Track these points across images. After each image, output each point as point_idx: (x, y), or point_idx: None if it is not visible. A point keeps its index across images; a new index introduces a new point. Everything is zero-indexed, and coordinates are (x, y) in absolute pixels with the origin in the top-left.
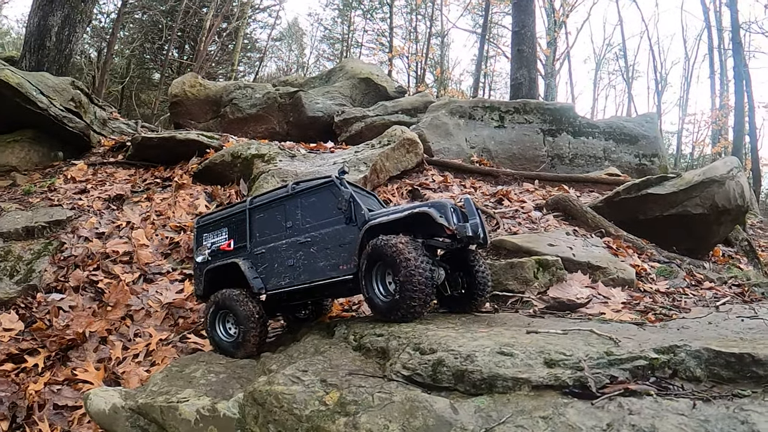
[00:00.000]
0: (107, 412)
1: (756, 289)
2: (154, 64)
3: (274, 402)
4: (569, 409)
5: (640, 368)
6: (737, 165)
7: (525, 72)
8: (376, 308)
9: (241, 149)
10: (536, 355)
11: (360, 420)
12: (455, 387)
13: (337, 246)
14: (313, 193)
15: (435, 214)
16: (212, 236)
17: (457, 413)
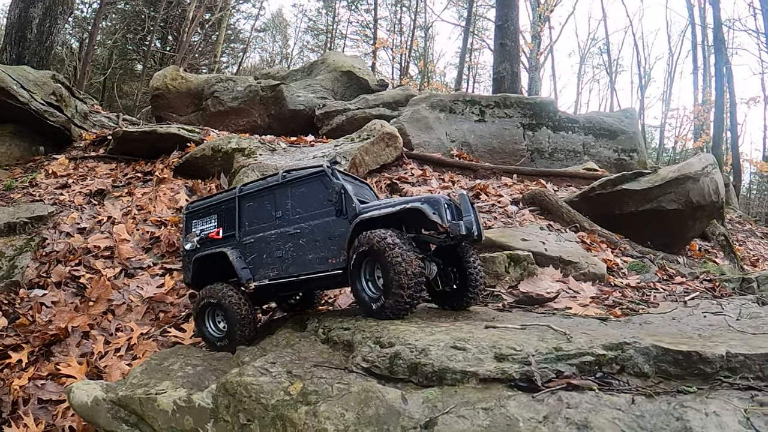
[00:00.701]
0: (89, 405)
1: (727, 284)
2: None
3: (244, 392)
4: (511, 402)
5: (587, 364)
6: (712, 162)
7: (507, 66)
8: (364, 305)
9: (222, 143)
10: (488, 349)
11: (319, 409)
12: (409, 379)
13: (327, 239)
14: (304, 182)
15: (428, 211)
16: (201, 223)
17: (406, 403)
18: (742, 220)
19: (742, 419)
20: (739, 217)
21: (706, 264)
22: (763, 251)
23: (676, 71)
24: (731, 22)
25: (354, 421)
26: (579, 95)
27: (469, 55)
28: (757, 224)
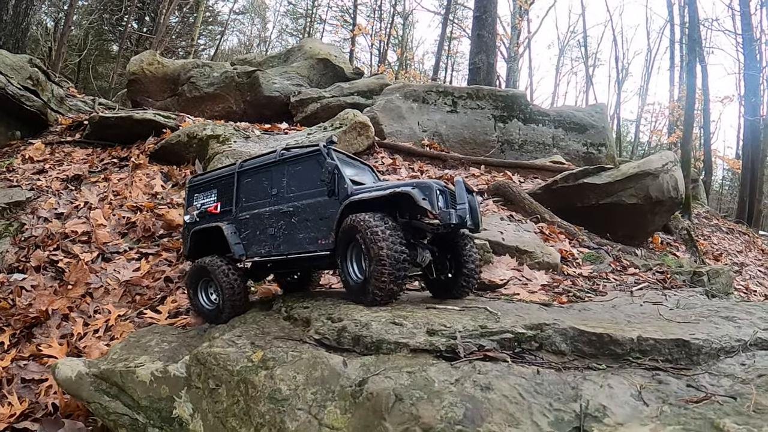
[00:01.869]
0: (73, 379)
1: (678, 276)
2: (113, 36)
3: (213, 361)
4: (432, 368)
5: (508, 340)
6: (672, 159)
7: (484, 57)
8: (349, 289)
9: (197, 130)
10: (422, 325)
11: (276, 372)
12: (353, 348)
13: (318, 219)
14: (300, 161)
15: (417, 196)
16: (202, 197)
17: (346, 367)
18: (709, 215)
19: (634, 392)
20: (707, 212)
21: (665, 257)
22: (727, 246)
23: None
24: (709, 22)
25: (303, 382)
26: (557, 87)
27: (448, 44)
28: (725, 219)
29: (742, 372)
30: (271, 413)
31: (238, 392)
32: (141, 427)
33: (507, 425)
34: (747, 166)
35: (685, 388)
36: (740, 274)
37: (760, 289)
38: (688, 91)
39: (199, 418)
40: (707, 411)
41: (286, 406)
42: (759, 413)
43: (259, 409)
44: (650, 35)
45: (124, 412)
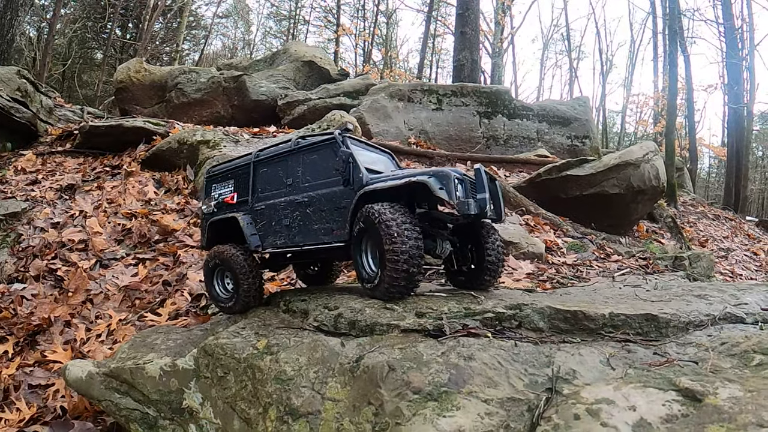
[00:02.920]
0: (84, 379)
1: (660, 262)
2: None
3: (220, 351)
4: (421, 344)
5: (489, 319)
6: (653, 149)
7: (467, 54)
8: (362, 282)
9: (187, 135)
10: (411, 309)
11: (280, 356)
12: (349, 332)
13: (333, 209)
14: (315, 149)
15: (434, 185)
16: (220, 187)
17: (344, 347)
18: (695, 202)
19: (603, 359)
20: (693, 200)
21: (650, 244)
22: (713, 232)
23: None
24: (691, 12)
25: (305, 363)
26: (542, 81)
27: (432, 41)
28: (711, 206)
29: (708, 341)
30: (277, 392)
31: (246, 377)
32: (152, 420)
33: (486, 386)
34: (732, 153)
35: (651, 355)
36: (726, 259)
37: (746, 272)
38: (670, 81)
39: (209, 406)
40: (667, 372)
41: (291, 385)
42: (715, 373)
43: (266, 390)
44: (633, 27)
45: (135, 407)
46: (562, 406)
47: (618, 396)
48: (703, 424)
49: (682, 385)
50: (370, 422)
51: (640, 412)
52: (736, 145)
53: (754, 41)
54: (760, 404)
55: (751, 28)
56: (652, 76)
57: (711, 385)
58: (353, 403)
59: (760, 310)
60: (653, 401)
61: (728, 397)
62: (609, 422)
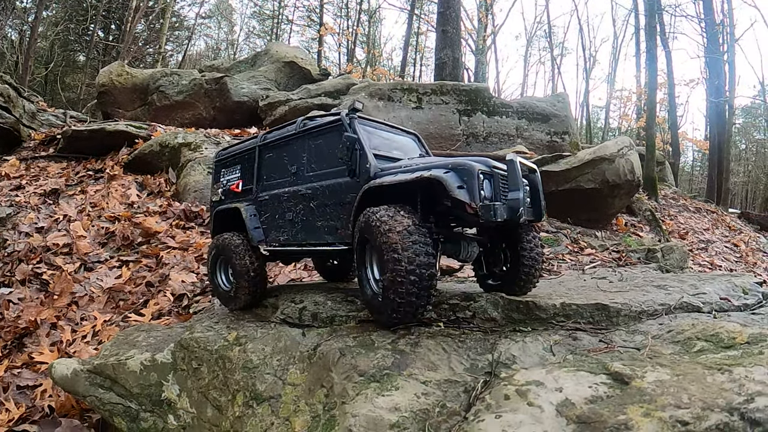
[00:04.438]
0: (69, 376)
1: (633, 254)
2: (79, 46)
3: (195, 344)
4: (375, 333)
5: (444, 310)
6: (627, 144)
7: (449, 52)
8: (365, 300)
9: (169, 138)
10: None
11: (248, 347)
12: (312, 323)
13: (338, 205)
14: (320, 133)
15: (451, 184)
16: (228, 173)
17: (304, 337)
18: (677, 195)
19: (546, 346)
20: (674, 193)
21: (627, 238)
22: (693, 224)
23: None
24: (672, 8)
25: (270, 352)
26: (525, 77)
27: (415, 39)
28: (693, 199)
29: (657, 329)
30: (244, 380)
31: (217, 367)
32: (134, 413)
33: (426, 369)
34: (714, 146)
35: (596, 342)
36: (706, 251)
37: (725, 264)
38: (650, 77)
39: (185, 396)
40: (604, 358)
41: (256, 372)
42: (651, 358)
43: (234, 378)
44: (616, 23)
45: (118, 402)
46: (496, 388)
47: (549, 378)
48: (625, 404)
49: (613, 369)
50: (321, 403)
51: (566, 393)
52: (717, 138)
53: (734, 36)
54: (683, 387)
55: (732, 23)
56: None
57: (641, 370)
58: (309, 386)
59: (718, 300)
60: (581, 384)
61: (654, 380)
62: (535, 402)
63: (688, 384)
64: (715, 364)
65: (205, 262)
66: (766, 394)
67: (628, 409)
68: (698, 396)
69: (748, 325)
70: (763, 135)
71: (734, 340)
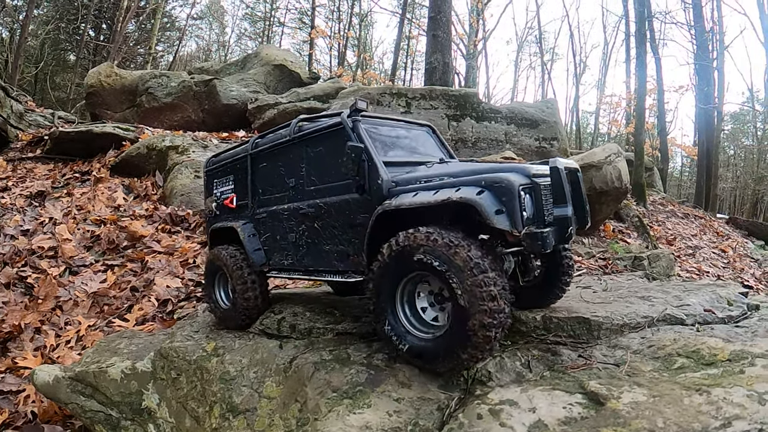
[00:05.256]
0: (51, 383)
1: (620, 262)
2: (70, 46)
3: (174, 354)
4: (351, 347)
5: None
6: (615, 151)
7: (439, 56)
8: (409, 350)
9: (156, 141)
10: (348, 313)
11: (225, 358)
12: (290, 335)
13: (347, 226)
14: (319, 139)
15: (488, 211)
16: (221, 184)
17: (281, 349)
18: (665, 201)
19: (524, 362)
20: (663, 199)
21: (615, 244)
22: (681, 230)
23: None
24: (663, 14)
25: (247, 363)
26: (516, 82)
27: (407, 43)
28: (681, 205)
29: (638, 344)
30: (221, 391)
31: (195, 378)
32: (115, 422)
33: (400, 386)
34: (703, 153)
35: (575, 358)
36: (693, 257)
37: (713, 270)
38: (639, 83)
39: (165, 406)
40: (582, 375)
41: (233, 384)
42: (630, 376)
43: (212, 389)
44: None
45: (99, 409)
46: (469, 407)
47: (523, 398)
48: (598, 427)
49: (589, 389)
50: (295, 418)
51: (539, 413)
52: (706, 144)
53: (723, 43)
54: (658, 410)
55: (721, 31)
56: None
57: (617, 389)
58: (284, 400)
59: (702, 312)
60: (555, 404)
61: (630, 401)
62: (507, 422)
63: (664, 407)
64: (693, 384)
65: (190, 267)
66: (743, 418)
67: None
68: (673, 420)
69: (731, 339)
70: (752, 141)
71: (716, 357)
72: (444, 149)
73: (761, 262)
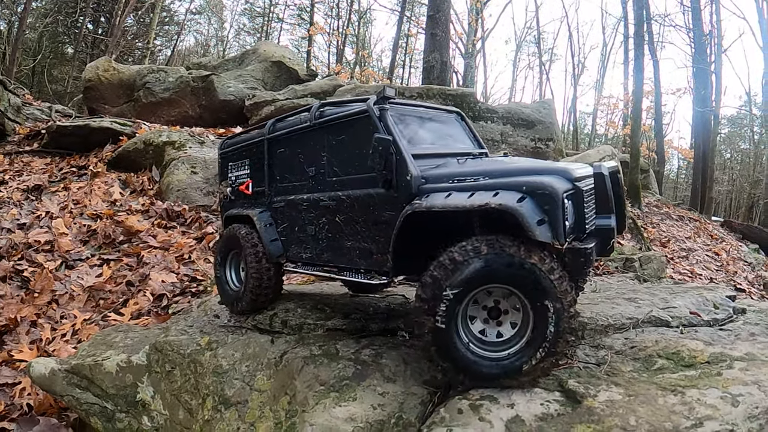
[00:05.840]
0: (47, 375)
1: (611, 263)
2: (68, 39)
3: (168, 348)
4: (340, 342)
5: (411, 320)
6: (609, 153)
7: (437, 55)
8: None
9: (153, 136)
10: (340, 309)
11: (218, 352)
12: (282, 330)
13: (371, 223)
14: (343, 127)
15: (530, 221)
16: (236, 168)
17: (273, 344)
18: (660, 203)
19: None
20: (658, 201)
21: None
22: (675, 232)
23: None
24: (662, 17)
25: (239, 357)
26: (514, 82)
27: (405, 42)
28: (676, 207)
29: (621, 344)
30: (214, 384)
31: (189, 371)
32: (110, 414)
33: (385, 381)
34: (699, 155)
35: None
36: (687, 259)
37: (706, 272)
38: (636, 86)
39: (159, 398)
40: (563, 374)
41: (225, 377)
42: (609, 375)
43: (205, 383)
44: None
45: (95, 402)
46: (451, 402)
47: (503, 394)
48: (573, 423)
49: (567, 387)
50: (284, 410)
51: (517, 409)
52: (702, 147)
53: (721, 47)
54: (632, 409)
55: (719, 34)
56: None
57: (595, 388)
58: (274, 393)
59: (687, 314)
60: (533, 400)
61: (605, 400)
62: (486, 417)
63: (638, 405)
64: (669, 385)
65: (185, 262)
66: (715, 419)
67: (575, 429)
68: (645, 419)
69: (713, 342)
70: (749, 145)
71: (695, 359)
72: (473, 137)
73: (754, 266)
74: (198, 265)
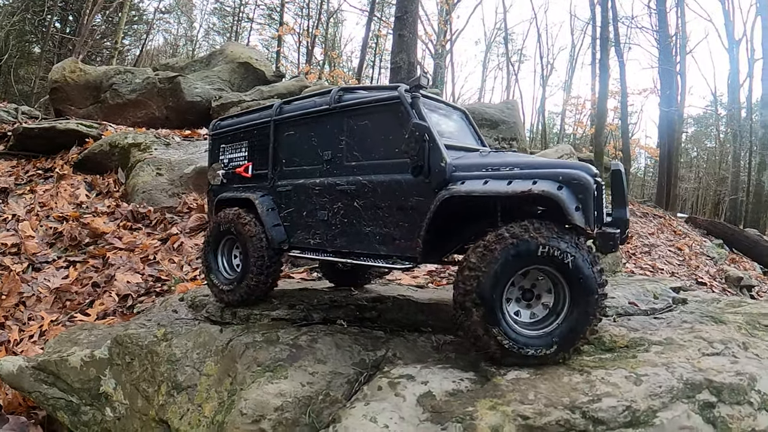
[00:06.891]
0: (15, 373)
1: None
2: (35, 38)
3: (128, 341)
4: (282, 330)
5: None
6: (568, 152)
7: (404, 56)
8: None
9: (119, 138)
10: (287, 300)
11: (173, 342)
12: (232, 321)
13: (396, 209)
14: (367, 112)
15: (569, 207)
16: (230, 150)
17: (222, 333)
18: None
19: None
20: None
21: None
22: (639, 229)
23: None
24: (628, 19)
25: (191, 346)
26: (484, 82)
27: (375, 42)
28: (641, 204)
29: None
30: (168, 372)
31: (147, 361)
32: (75, 407)
33: (316, 362)
34: (664, 153)
35: None
36: (649, 254)
37: (667, 267)
38: (601, 86)
39: (120, 389)
40: (480, 356)
41: (178, 365)
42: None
43: (160, 371)
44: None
45: (61, 396)
46: (374, 380)
47: (421, 373)
48: (477, 398)
49: (482, 367)
50: (227, 390)
51: (430, 386)
52: (668, 146)
53: (686, 49)
54: (534, 385)
55: (684, 36)
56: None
57: (506, 369)
58: (220, 376)
59: (626, 304)
60: (447, 378)
61: (513, 378)
62: (401, 393)
63: (541, 383)
64: (579, 366)
65: (150, 263)
66: (614, 396)
67: (478, 403)
68: (545, 394)
69: (639, 329)
70: (714, 143)
71: (615, 344)
72: (477, 137)
73: (717, 260)
74: (163, 265)
